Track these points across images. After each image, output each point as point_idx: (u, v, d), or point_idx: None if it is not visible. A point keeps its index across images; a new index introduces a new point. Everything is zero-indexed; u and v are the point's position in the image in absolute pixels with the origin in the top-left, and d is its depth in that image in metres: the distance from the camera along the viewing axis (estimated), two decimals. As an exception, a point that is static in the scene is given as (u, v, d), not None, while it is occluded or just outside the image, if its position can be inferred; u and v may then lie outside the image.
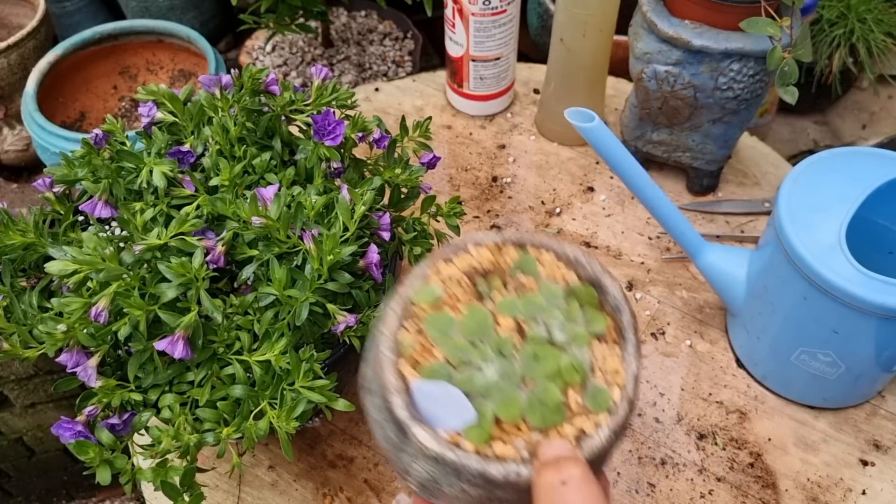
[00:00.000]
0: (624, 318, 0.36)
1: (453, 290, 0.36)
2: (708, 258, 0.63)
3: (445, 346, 0.34)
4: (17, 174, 1.05)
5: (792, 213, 0.55)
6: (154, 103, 0.54)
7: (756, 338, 0.62)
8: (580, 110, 0.56)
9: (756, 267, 0.61)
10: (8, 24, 1.03)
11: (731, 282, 0.63)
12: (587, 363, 0.34)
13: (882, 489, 0.59)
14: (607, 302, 0.36)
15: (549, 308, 0.36)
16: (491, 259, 0.37)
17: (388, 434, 0.34)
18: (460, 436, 0.32)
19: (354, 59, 1.04)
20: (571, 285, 0.36)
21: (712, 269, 0.63)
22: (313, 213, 0.47)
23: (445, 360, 0.34)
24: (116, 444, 0.44)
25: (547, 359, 0.34)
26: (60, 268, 0.43)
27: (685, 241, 0.62)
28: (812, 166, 0.58)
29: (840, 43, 1.04)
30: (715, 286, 0.64)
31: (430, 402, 0.33)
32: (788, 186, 0.57)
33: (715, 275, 0.63)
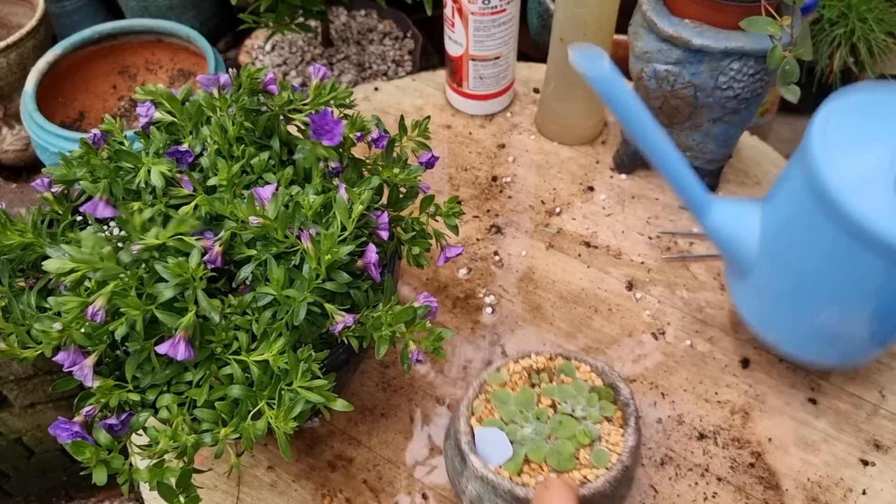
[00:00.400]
0: (629, 410, 0.53)
1: (515, 378, 0.55)
2: (715, 217, 0.56)
3: (502, 410, 0.53)
4: (17, 174, 1.05)
5: (831, 156, 0.46)
6: (152, 103, 0.54)
7: (773, 301, 0.57)
8: (587, 50, 0.49)
9: (773, 223, 0.54)
10: (7, 24, 1.03)
11: (742, 242, 0.56)
12: (596, 434, 0.52)
13: (882, 489, 0.59)
14: (619, 399, 0.54)
15: (576, 395, 0.54)
16: (545, 363, 0.56)
17: (455, 464, 0.53)
18: (501, 468, 0.50)
19: (354, 58, 1.04)
20: (596, 385, 0.55)
21: (720, 229, 0.57)
22: (311, 213, 0.47)
23: (500, 418, 0.53)
24: (114, 444, 0.44)
25: (568, 425, 0.52)
26: (58, 266, 0.43)
27: (691, 197, 0.56)
28: (846, 101, 0.50)
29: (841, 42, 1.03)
30: (722, 247, 0.58)
31: (485, 444, 0.51)
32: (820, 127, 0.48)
33: (723, 235, 0.57)
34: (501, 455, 0.50)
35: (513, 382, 0.55)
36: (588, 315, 0.70)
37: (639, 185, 0.80)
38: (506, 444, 0.51)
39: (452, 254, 0.56)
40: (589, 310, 0.70)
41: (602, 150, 0.84)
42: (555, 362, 0.56)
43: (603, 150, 0.84)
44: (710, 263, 0.74)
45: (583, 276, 0.73)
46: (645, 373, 0.66)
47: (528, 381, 0.55)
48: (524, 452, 0.50)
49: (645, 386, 0.65)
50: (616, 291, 0.71)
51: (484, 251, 0.75)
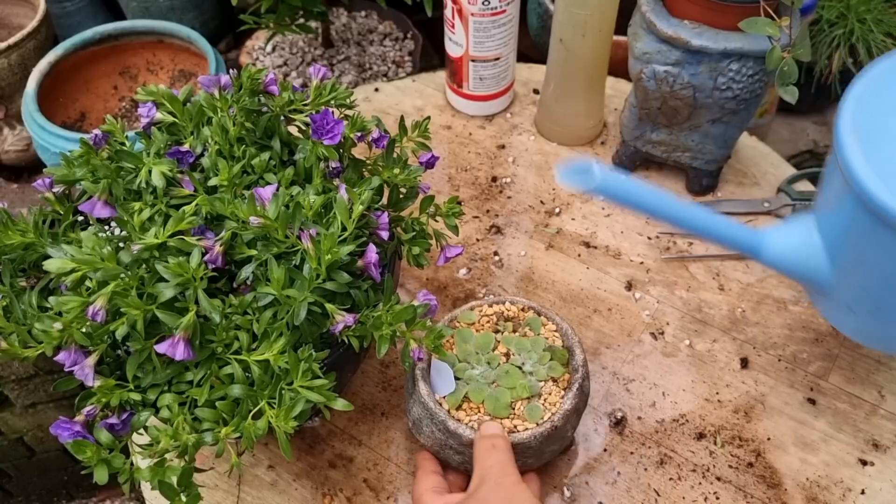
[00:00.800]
0: (577, 376, 0.55)
1: (483, 321, 0.58)
2: (772, 251, 0.52)
3: (460, 347, 0.56)
4: (18, 174, 1.05)
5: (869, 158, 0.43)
6: (153, 104, 0.54)
7: (866, 315, 0.52)
8: (571, 165, 0.47)
9: (834, 239, 0.50)
10: (8, 25, 1.03)
11: (809, 267, 0.52)
12: (537, 390, 0.54)
13: (881, 489, 0.59)
14: (572, 363, 0.56)
15: (530, 351, 0.56)
16: (516, 312, 0.58)
17: (408, 386, 0.57)
18: (444, 399, 0.54)
19: (354, 59, 1.04)
20: (553, 345, 0.57)
21: (782, 261, 0.53)
22: (311, 213, 0.47)
23: (455, 354, 0.56)
24: (115, 443, 0.44)
25: (513, 376, 0.55)
26: (59, 266, 0.43)
27: (739, 243, 0.53)
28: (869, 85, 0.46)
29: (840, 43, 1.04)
30: (791, 277, 0.54)
31: (436, 374, 0.54)
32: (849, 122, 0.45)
33: (787, 266, 0.53)
34: (446, 388, 0.53)
35: (480, 324, 0.58)
36: (587, 315, 0.70)
37: (638, 186, 0.80)
38: (451, 380, 0.54)
39: (452, 254, 0.57)
40: (588, 310, 0.70)
41: (602, 150, 0.84)
42: (525, 314, 0.58)
43: (602, 150, 0.84)
44: (709, 263, 0.74)
45: (582, 277, 0.73)
46: (644, 373, 0.66)
47: (494, 326, 0.58)
48: (466, 391, 0.53)
49: (644, 386, 0.65)
50: (615, 291, 0.72)
51: (484, 251, 0.75)
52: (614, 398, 0.64)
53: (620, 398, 0.64)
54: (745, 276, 0.73)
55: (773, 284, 0.72)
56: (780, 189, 0.79)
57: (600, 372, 0.66)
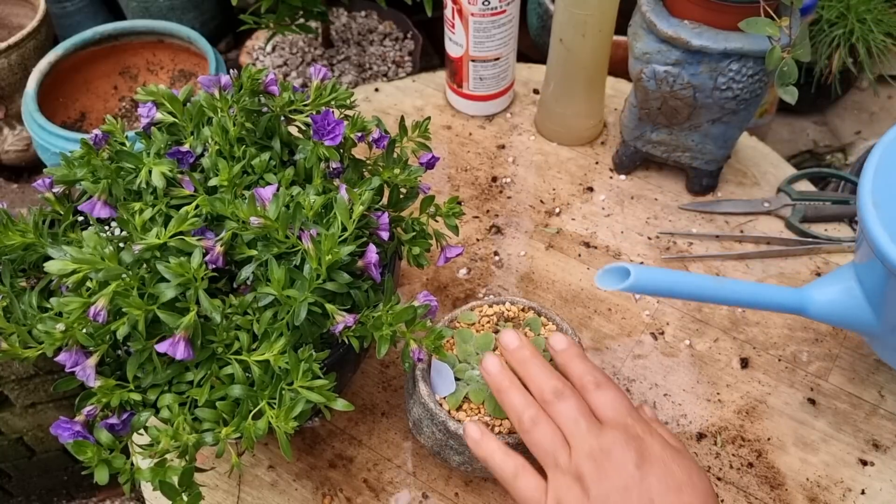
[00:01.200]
0: None
1: (484, 321, 0.57)
2: (817, 307, 0.55)
3: (460, 348, 0.55)
4: (18, 174, 1.05)
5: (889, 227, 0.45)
6: (153, 104, 0.54)
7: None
8: (607, 271, 0.50)
9: (874, 293, 0.52)
10: (8, 25, 1.03)
11: (856, 318, 0.54)
12: None
13: (881, 489, 0.59)
14: None
15: None
16: (516, 312, 0.58)
17: (408, 386, 0.57)
18: (444, 399, 0.53)
19: (354, 59, 1.04)
20: None
21: (828, 315, 0.55)
22: (312, 213, 0.47)
23: (456, 355, 0.55)
24: (115, 443, 0.44)
25: None
26: (60, 267, 0.43)
27: (783, 305, 0.55)
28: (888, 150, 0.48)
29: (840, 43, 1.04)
30: (842, 326, 0.57)
31: (437, 374, 0.54)
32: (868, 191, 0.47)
33: (835, 319, 0.55)
34: (446, 388, 0.53)
35: (480, 324, 0.57)
36: (587, 315, 0.70)
37: (638, 186, 0.80)
38: (451, 380, 0.53)
39: (452, 254, 0.57)
40: (588, 310, 0.70)
41: (601, 150, 0.84)
42: (526, 314, 0.58)
43: (602, 150, 0.84)
44: (710, 263, 0.74)
45: (582, 277, 0.73)
46: (644, 373, 0.66)
47: (494, 326, 0.57)
48: (466, 392, 0.53)
49: (644, 386, 0.65)
50: (615, 292, 0.72)
51: (484, 251, 0.75)
52: (614, 398, 0.64)
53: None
54: (745, 276, 0.73)
55: (773, 284, 0.72)
56: (780, 189, 0.79)
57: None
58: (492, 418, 0.52)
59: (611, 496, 0.42)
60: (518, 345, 0.49)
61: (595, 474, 0.42)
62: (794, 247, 0.74)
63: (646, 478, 0.42)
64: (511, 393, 0.47)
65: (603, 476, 0.42)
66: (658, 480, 0.42)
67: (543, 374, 0.47)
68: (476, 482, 0.60)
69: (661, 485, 0.42)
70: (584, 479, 0.42)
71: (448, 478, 0.60)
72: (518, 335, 0.50)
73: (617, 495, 0.42)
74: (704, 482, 0.44)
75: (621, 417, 0.45)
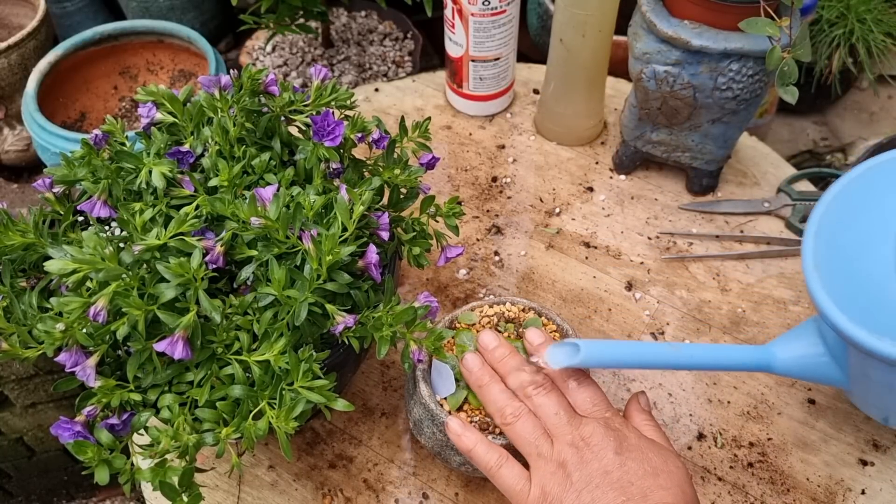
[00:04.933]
0: None
1: (484, 322, 0.58)
2: (783, 364, 0.54)
3: (460, 348, 0.54)
4: (18, 174, 1.05)
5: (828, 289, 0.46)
6: (153, 104, 0.54)
7: (892, 411, 0.55)
8: (557, 349, 0.50)
9: (835, 348, 0.52)
10: (8, 25, 1.03)
11: (822, 373, 0.54)
12: None
13: (881, 489, 0.59)
14: None
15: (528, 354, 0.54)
16: (517, 312, 0.58)
17: (409, 387, 0.57)
18: (445, 400, 0.53)
19: (354, 59, 1.04)
20: None
21: (794, 371, 0.54)
22: (312, 214, 0.47)
23: (456, 355, 0.54)
24: (116, 444, 0.44)
25: None
26: (60, 267, 0.43)
27: (748, 364, 0.54)
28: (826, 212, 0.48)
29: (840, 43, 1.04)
30: (810, 380, 0.56)
31: (437, 375, 0.54)
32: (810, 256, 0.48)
33: (801, 374, 0.54)
34: (447, 389, 0.54)
35: (481, 325, 0.58)
36: (588, 315, 0.70)
37: (638, 186, 0.80)
38: (451, 381, 0.54)
39: (453, 254, 0.57)
40: (588, 310, 0.70)
41: (601, 150, 0.84)
42: (526, 315, 0.58)
43: (602, 150, 0.84)
44: (709, 263, 0.74)
45: (582, 277, 0.73)
46: (644, 373, 0.66)
47: (495, 326, 0.57)
48: (466, 393, 0.53)
49: (645, 386, 0.65)
50: (615, 291, 0.72)
51: (484, 251, 0.75)
52: (615, 398, 0.64)
53: (621, 398, 0.64)
54: (745, 276, 0.73)
55: (773, 284, 0.72)
56: (780, 189, 0.79)
57: (601, 372, 0.66)
58: (492, 419, 0.52)
59: (593, 479, 0.44)
60: (497, 344, 0.51)
61: (577, 460, 0.45)
62: (794, 247, 0.74)
63: (625, 463, 0.44)
64: (492, 388, 0.49)
65: (584, 462, 0.45)
66: (637, 465, 0.45)
67: (522, 369, 0.50)
68: (476, 482, 0.60)
69: (640, 469, 0.44)
70: (566, 465, 0.45)
71: (448, 478, 0.60)
72: (495, 335, 0.52)
73: (598, 479, 0.44)
74: (681, 470, 0.46)
75: (600, 412, 0.48)
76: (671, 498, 0.44)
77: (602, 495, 0.43)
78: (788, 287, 0.72)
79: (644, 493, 0.43)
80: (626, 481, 0.44)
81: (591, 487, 0.44)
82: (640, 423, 0.50)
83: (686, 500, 0.44)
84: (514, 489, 0.46)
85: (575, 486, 0.44)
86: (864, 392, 0.54)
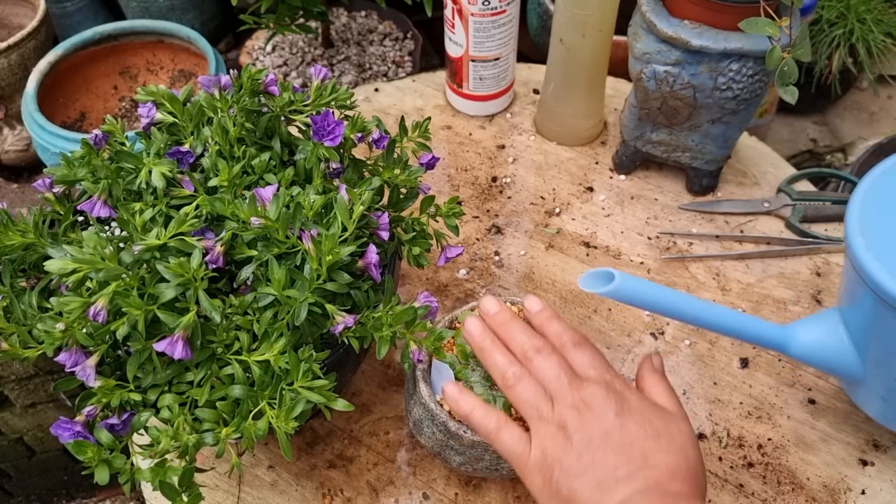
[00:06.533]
0: None
1: None
2: (801, 346, 0.54)
3: (460, 349, 0.53)
4: (18, 174, 1.05)
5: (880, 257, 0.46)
6: (153, 104, 0.54)
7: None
8: (592, 274, 0.50)
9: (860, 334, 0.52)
10: (8, 25, 1.03)
11: (838, 361, 0.54)
12: None
13: (881, 489, 0.59)
14: None
15: None
16: (517, 312, 0.56)
17: (409, 386, 0.57)
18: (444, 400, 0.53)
19: (354, 59, 1.04)
20: None
21: (810, 356, 0.55)
22: (312, 214, 0.47)
23: (456, 355, 0.53)
24: (115, 444, 0.44)
25: None
26: (60, 266, 0.43)
27: (766, 339, 0.54)
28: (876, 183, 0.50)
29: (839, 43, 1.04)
30: (823, 368, 0.56)
31: (437, 375, 0.55)
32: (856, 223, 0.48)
33: (817, 360, 0.55)
34: None
35: None
36: (588, 315, 0.70)
37: (638, 186, 0.80)
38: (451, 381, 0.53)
39: (453, 254, 0.57)
40: (588, 310, 0.70)
41: (601, 150, 0.84)
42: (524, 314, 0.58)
43: (602, 150, 0.84)
44: (710, 263, 0.74)
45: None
46: (644, 373, 0.66)
47: None
48: None
49: (644, 386, 0.65)
50: (616, 292, 0.72)
51: (484, 251, 0.75)
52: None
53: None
54: (745, 276, 0.73)
55: (773, 284, 0.72)
56: (780, 189, 0.79)
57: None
58: None
59: (593, 441, 0.44)
60: (498, 309, 0.51)
61: (578, 422, 0.44)
62: (794, 247, 0.74)
63: (626, 425, 0.44)
64: (494, 352, 0.49)
65: (585, 424, 0.44)
66: (638, 427, 0.44)
67: (524, 333, 0.49)
68: (476, 482, 0.60)
69: (641, 431, 0.44)
70: (567, 427, 0.44)
71: (448, 478, 0.60)
72: (497, 300, 0.52)
73: (599, 440, 0.44)
74: (685, 434, 0.45)
75: (601, 375, 0.47)
76: (673, 460, 0.43)
77: (602, 457, 0.43)
78: (788, 287, 0.72)
79: (644, 454, 0.43)
80: (627, 443, 0.44)
81: (592, 449, 0.44)
82: (652, 384, 0.49)
83: (688, 464, 0.44)
84: (515, 452, 0.46)
85: (575, 448, 0.44)
86: (880, 385, 0.54)
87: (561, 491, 0.43)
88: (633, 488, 0.42)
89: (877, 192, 0.50)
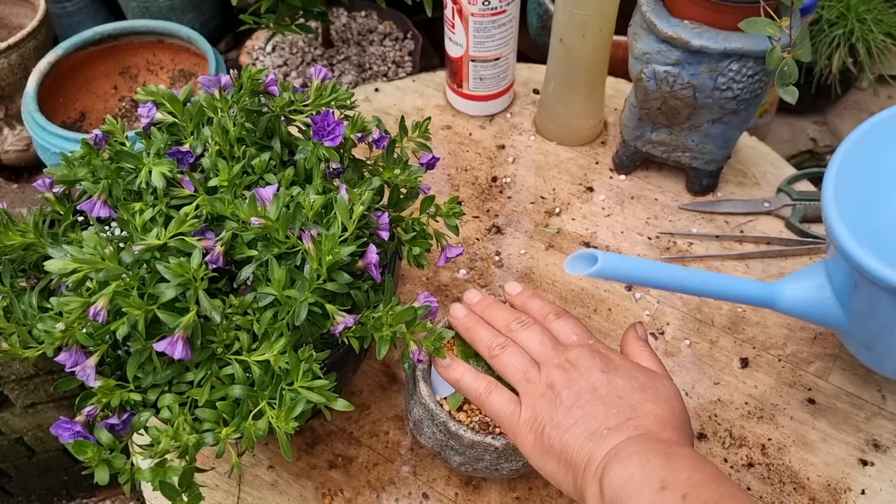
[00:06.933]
0: None
1: None
2: (787, 301, 0.55)
3: (460, 349, 0.54)
4: (18, 174, 1.05)
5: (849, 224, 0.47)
6: (153, 104, 0.54)
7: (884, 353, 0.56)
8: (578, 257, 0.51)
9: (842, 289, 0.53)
10: (8, 25, 1.03)
11: (824, 314, 0.55)
12: None
13: (881, 489, 0.59)
14: None
15: None
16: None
17: (409, 387, 0.57)
18: (445, 400, 0.54)
19: (354, 59, 1.04)
20: None
21: (797, 310, 0.56)
22: (312, 214, 0.47)
23: (457, 355, 0.53)
24: (115, 444, 0.44)
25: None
26: (60, 266, 0.43)
27: (753, 298, 0.55)
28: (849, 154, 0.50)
29: (840, 43, 1.04)
30: (810, 320, 0.57)
31: (437, 375, 0.53)
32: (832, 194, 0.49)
33: (804, 314, 0.56)
34: (447, 389, 0.54)
35: None
36: (588, 315, 0.70)
37: (638, 186, 0.80)
38: None
39: (453, 254, 0.57)
40: (588, 310, 0.70)
41: (601, 150, 0.84)
42: None
43: (602, 150, 0.84)
44: (710, 263, 0.74)
45: (582, 276, 0.73)
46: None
47: None
48: None
49: (644, 386, 0.65)
50: (615, 291, 0.72)
51: (484, 251, 0.75)
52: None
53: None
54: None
55: (773, 284, 0.72)
56: (780, 189, 0.79)
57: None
58: (492, 420, 0.52)
59: (582, 396, 0.45)
60: (480, 297, 0.54)
61: (565, 380, 0.46)
62: (794, 247, 0.74)
63: (613, 380, 0.45)
64: (479, 328, 0.51)
65: (572, 381, 0.46)
66: (624, 382, 0.45)
67: (507, 312, 0.51)
68: (476, 482, 0.60)
69: (628, 385, 0.45)
70: (554, 385, 0.46)
71: (448, 478, 0.60)
72: (478, 291, 0.55)
73: (587, 395, 0.45)
74: (669, 389, 0.46)
75: (583, 339, 0.49)
76: (661, 410, 0.44)
77: (592, 410, 0.44)
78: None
79: (633, 406, 0.44)
80: (615, 396, 0.45)
81: (581, 403, 0.44)
82: (635, 349, 0.50)
83: (675, 415, 0.45)
84: (505, 413, 0.47)
85: (564, 404, 0.45)
86: (864, 335, 0.55)
87: (554, 445, 0.44)
88: (625, 436, 0.42)
89: (854, 156, 0.51)
